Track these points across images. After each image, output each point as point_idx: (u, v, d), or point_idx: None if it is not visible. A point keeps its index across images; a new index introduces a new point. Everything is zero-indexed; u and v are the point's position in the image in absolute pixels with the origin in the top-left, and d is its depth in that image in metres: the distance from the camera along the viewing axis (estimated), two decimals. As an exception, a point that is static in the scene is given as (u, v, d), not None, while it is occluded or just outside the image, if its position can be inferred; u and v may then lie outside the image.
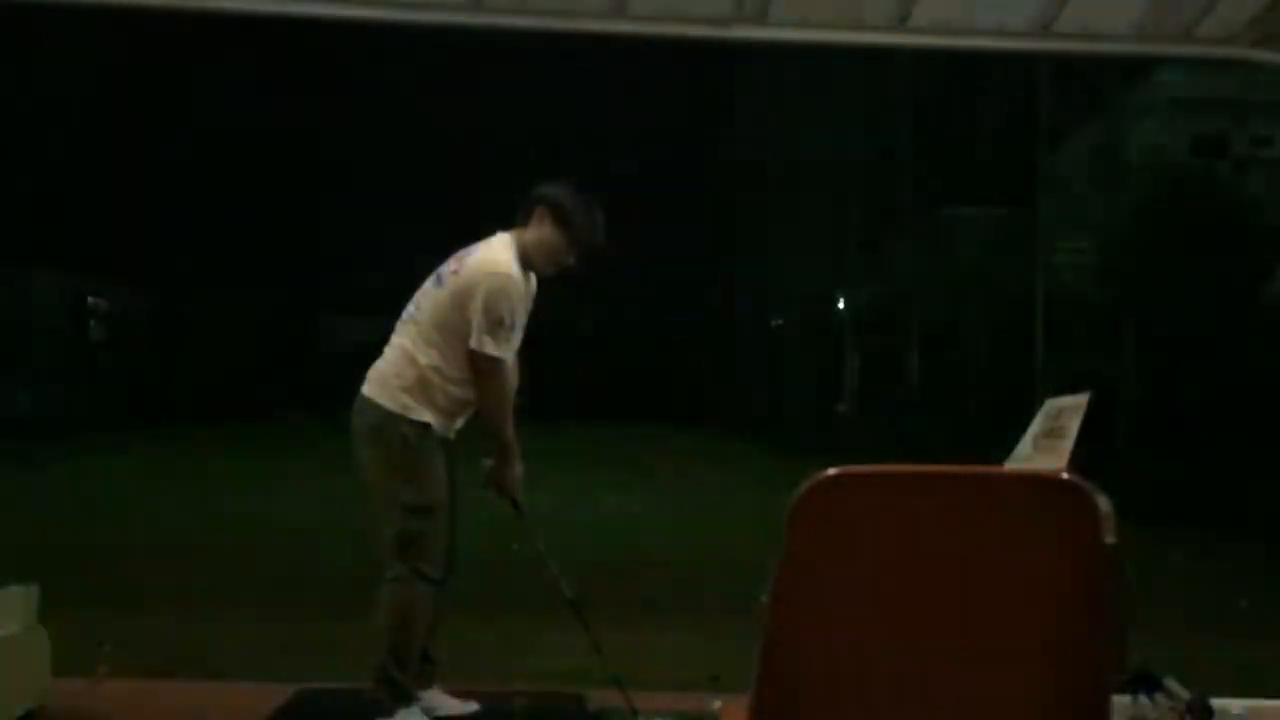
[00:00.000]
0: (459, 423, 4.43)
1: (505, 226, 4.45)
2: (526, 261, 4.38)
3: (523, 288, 4.34)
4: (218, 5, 4.42)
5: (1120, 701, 2.92)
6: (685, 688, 5.33)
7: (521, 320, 4.37)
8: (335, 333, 57.64)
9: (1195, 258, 24.16)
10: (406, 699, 4.24)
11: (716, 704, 2.58)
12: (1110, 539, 1.97)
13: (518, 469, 4.43)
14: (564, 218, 4.36)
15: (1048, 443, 3.32)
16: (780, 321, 43.97)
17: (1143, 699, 2.97)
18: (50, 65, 36.64)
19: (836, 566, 1.94)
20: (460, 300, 4.25)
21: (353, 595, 4.27)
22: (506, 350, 4.28)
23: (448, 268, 4.37)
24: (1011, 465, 3.40)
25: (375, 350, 4.54)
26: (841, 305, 37.84)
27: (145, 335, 45.19)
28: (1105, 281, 27.44)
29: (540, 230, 4.38)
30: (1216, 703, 3.02)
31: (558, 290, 4.67)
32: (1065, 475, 1.96)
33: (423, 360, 4.32)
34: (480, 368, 4.26)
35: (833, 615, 1.95)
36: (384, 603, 4.24)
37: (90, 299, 41.65)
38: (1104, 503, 1.95)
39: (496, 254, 4.33)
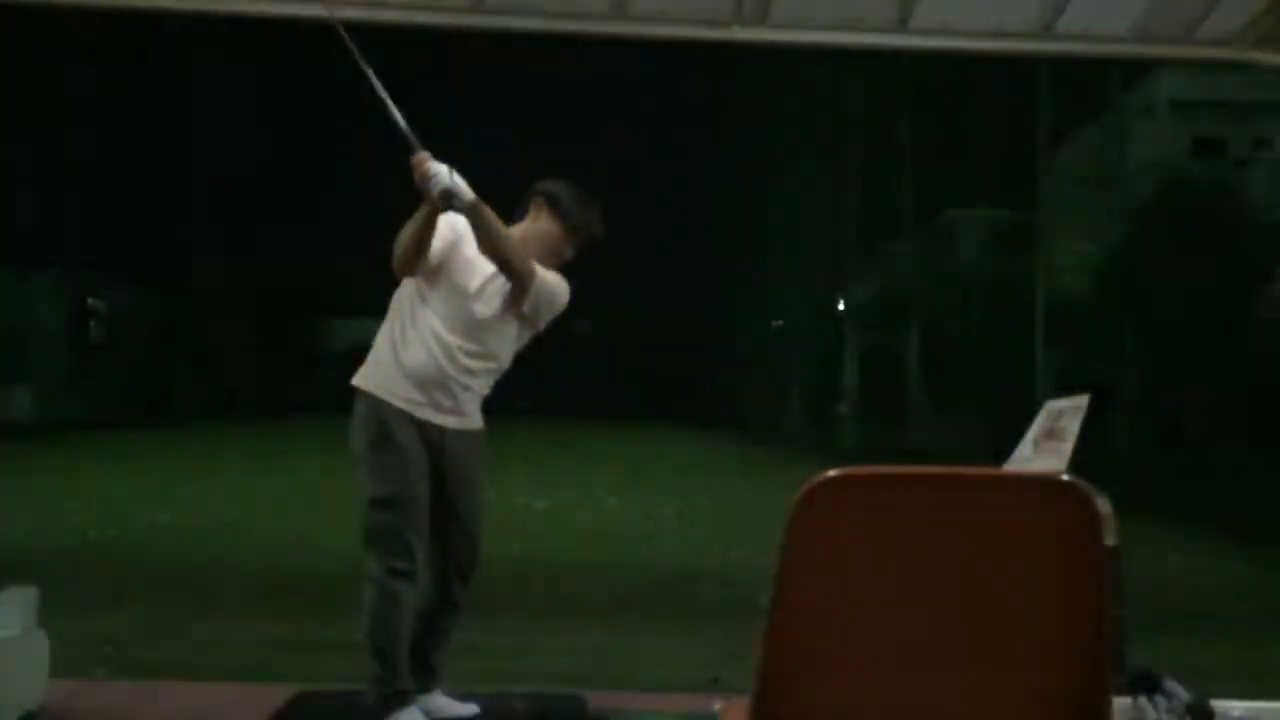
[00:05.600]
0: (429, 399, 4.18)
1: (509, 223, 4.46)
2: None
3: (458, 225, 4.21)
4: (218, 6, 4.42)
5: (1120, 703, 2.92)
6: (685, 688, 5.33)
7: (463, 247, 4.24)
8: (335, 334, 57.77)
9: (1195, 259, 24.17)
10: (403, 700, 4.18)
11: (716, 705, 2.58)
12: (1110, 540, 1.97)
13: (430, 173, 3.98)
14: (561, 209, 4.36)
15: (1048, 444, 3.33)
16: (780, 323, 43.97)
17: (1143, 700, 2.97)
18: (51, 65, 36.63)
19: (837, 568, 1.94)
20: None
21: (351, 596, 4.25)
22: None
23: None
24: (1011, 466, 3.40)
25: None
26: (842, 306, 37.86)
27: (145, 336, 45.18)
28: (1105, 282, 27.45)
29: (537, 222, 4.38)
30: (1217, 704, 3.01)
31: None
32: (1065, 476, 1.96)
33: (386, 327, 4.31)
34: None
35: (833, 617, 1.95)
36: (363, 604, 4.14)
37: (90, 300, 41.65)
38: (1104, 504, 1.95)
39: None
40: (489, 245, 4.15)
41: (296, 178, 54.27)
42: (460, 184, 4.02)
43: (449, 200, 4.00)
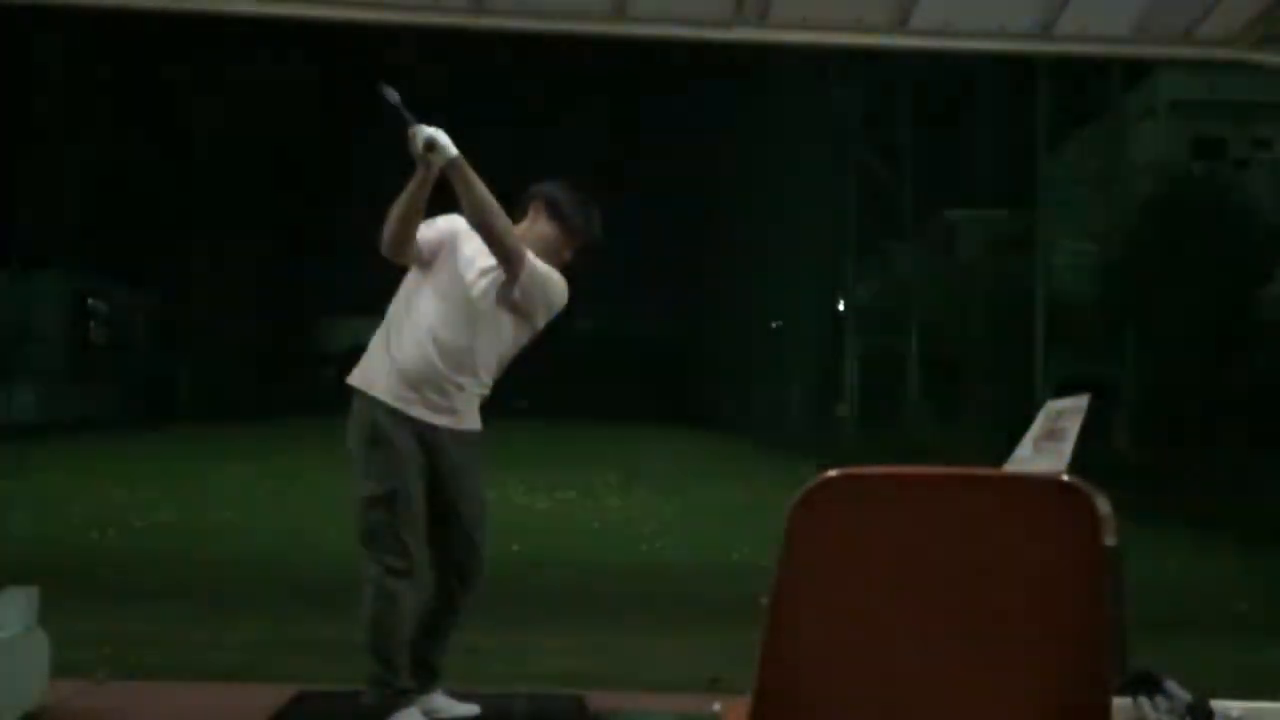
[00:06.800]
0: (421, 397, 4.15)
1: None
2: None
3: (457, 223, 4.26)
4: (218, 7, 4.42)
5: (1120, 703, 2.92)
6: (685, 688, 5.33)
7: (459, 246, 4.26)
8: (335, 334, 57.76)
9: (1195, 259, 24.15)
10: (403, 700, 4.17)
11: (716, 705, 2.58)
12: (1110, 540, 1.97)
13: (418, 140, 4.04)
14: (559, 212, 4.35)
15: (1048, 444, 3.33)
16: (780, 323, 43.96)
17: (1143, 701, 2.97)
18: (52, 65, 36.62)
19: (837, 568, 1.94)
20: None
21: (351, 596, 4.25)
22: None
23: None
24: (1011, 467, 3.40)
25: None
26: (841, 306, 37.83)
27: (145, 336, 45.17)
28: (1105, 282, 27.42)
29: (535, 225, 4.37)
30: (1216, 705, 3.01)
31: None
32: (1065, 477, 1.96)
33: (383, 325, 4.31)
34: None
35: (833, 617, 1.95)
36: (362, 604, 4.13)
37: (90, 300, 41.65)
38: (1103, 504, 1.95)
39: None
40: (472, 207, 4.10)
41: (297, 177, 54.24)
42: (445, 140, 4.01)
43: (432, 148, 3.99)
